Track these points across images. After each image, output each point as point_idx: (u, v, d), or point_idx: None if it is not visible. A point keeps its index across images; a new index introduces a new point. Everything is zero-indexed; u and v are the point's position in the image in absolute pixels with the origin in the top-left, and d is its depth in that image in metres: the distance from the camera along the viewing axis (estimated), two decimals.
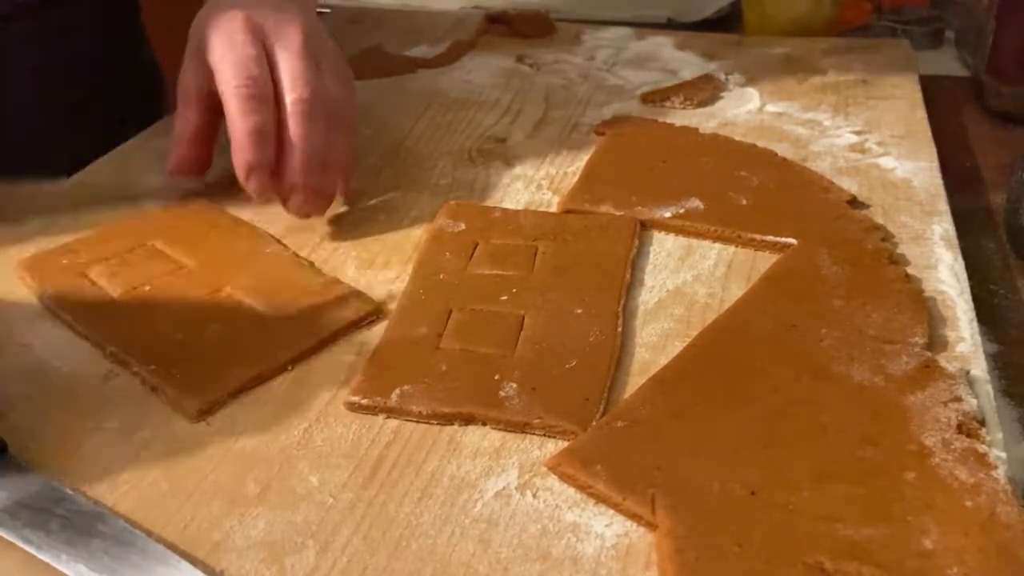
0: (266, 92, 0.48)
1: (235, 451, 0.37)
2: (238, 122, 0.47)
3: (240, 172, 0.47)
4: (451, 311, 0.43)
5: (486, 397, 0.38)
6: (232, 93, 0.47)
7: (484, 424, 0.37)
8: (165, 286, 0.45)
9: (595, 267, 0.46)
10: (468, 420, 0.38)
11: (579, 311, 0.43)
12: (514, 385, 0.39)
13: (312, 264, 0.48)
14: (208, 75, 0.50)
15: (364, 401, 0.38)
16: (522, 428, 0.37)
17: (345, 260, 0.49)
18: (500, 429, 0.37)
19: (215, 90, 0.49)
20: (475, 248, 0.48)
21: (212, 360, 0.40)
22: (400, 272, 0.47)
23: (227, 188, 0.53)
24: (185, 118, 0.52)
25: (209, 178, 0.54)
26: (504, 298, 0.44)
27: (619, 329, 0.42)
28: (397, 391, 0.39)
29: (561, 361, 0.40)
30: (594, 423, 0.37)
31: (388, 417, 0.38)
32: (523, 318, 0.43)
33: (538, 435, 0.37)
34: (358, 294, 0.45)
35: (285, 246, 0.49)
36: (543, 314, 0.43)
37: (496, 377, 0.39)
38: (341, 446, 0.37)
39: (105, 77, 0.71)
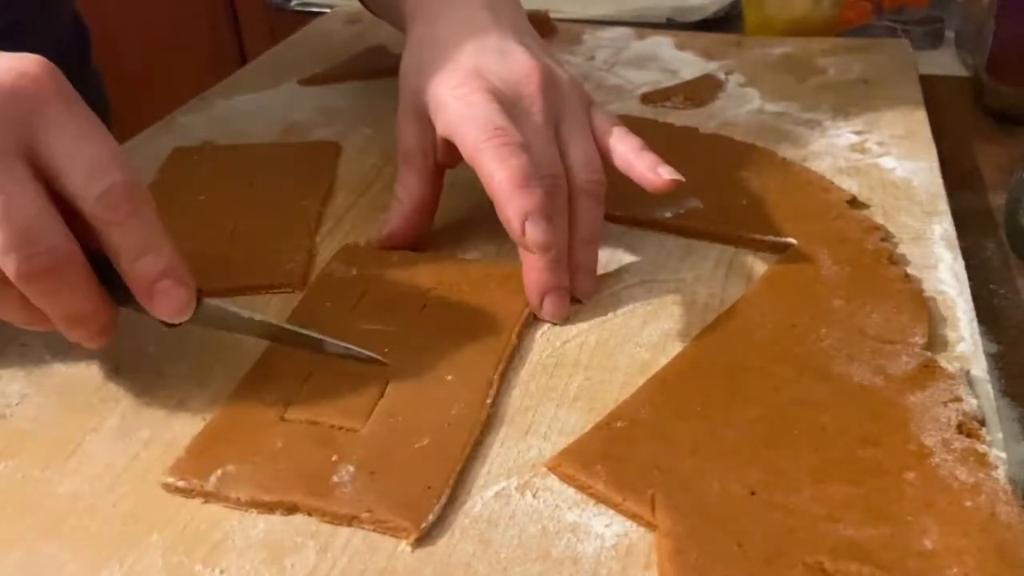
0: (518, 139, 0.42)
1: None
2: (497, 173, 0.41)
3: (515, 224, 0.40)
4: (311, 373, 0.39)
5: (315, 484, 0.34)
6: (484, 147, 0.42)
7: (309, 515, 0.33)
8: None
9: (483, 325, 0.42)
10: (291, 510, 0.33)
11: (450, 377, 0.39)
12: (351, 468, 0.34)
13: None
14: (434, 138, 0.46)
15: (180, 483, 0.34)
16: (349, 522, 0.33)
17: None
18: (326, 521, 0.33)
19: (441, 156, 0.47)
20: (361, 297, 0.44)
21: None
22: None
23: None
24: (410, 187, 0.48)
25: None
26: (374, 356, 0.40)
27: (489, 400, 0.38)
28: (218, 472, 0.34)
29: (412, 439, 0.36)
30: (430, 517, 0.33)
31: (206, 502, 0.34)
32: (386, 384, 0.38)
33: (367, 530, 0.33)
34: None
35: None
36: (410, 380, 0.39)
37: (334, 458, 0.35)
38: None
39: None
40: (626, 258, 0.48)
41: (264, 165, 0.58)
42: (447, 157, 0.47)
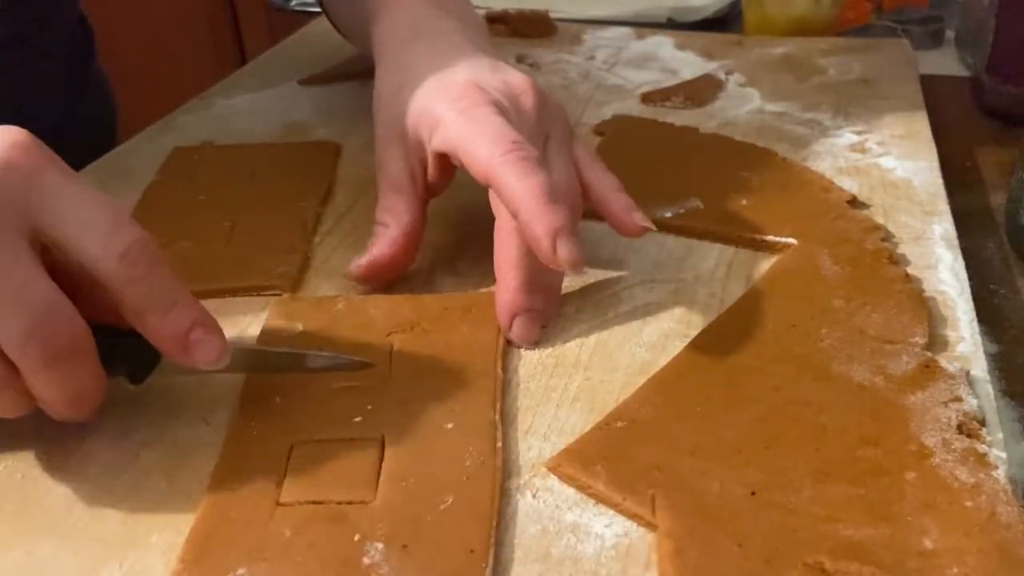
0: (535, 153, 0.40)
1: None
2: (519, 188, 0.39)
3: (545, 243, 0.38)
4: (292, 447, 0.35)
5: (347, 570, 0.30)
6: (501, 162, 0.39)
7: None
8: None
9: (462, 364, 0.39)
10: None
11: (449, 425, 0.36)
12: (380, 546, 0.31)
13: None
14: (424, 159, 0.44)
15: None
16: None
17: (345, 260, 0.49)
18: None
19: (431, 178, 0.44)
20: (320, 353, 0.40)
21: None
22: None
23: None
24: (396, 212, 0.45)
25: None
26: (358, 419, 0.36)
27: (499, 444, 0.35)
28: None
29: (434, 501, 0.33)
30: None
31: None
32: (383, 444, 0.35)
33: None
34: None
35: None
36: (407, 436, 0.36)
37: (356, 538, 0.31)
38: None
39: (56, 118, 0.67)
40: (626, 258, 0.48)
41: (264, 165, 0.58)
42: (439, 179, 0.45)
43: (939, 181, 0.54)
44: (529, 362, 0.41)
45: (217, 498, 0.33)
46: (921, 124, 0.61)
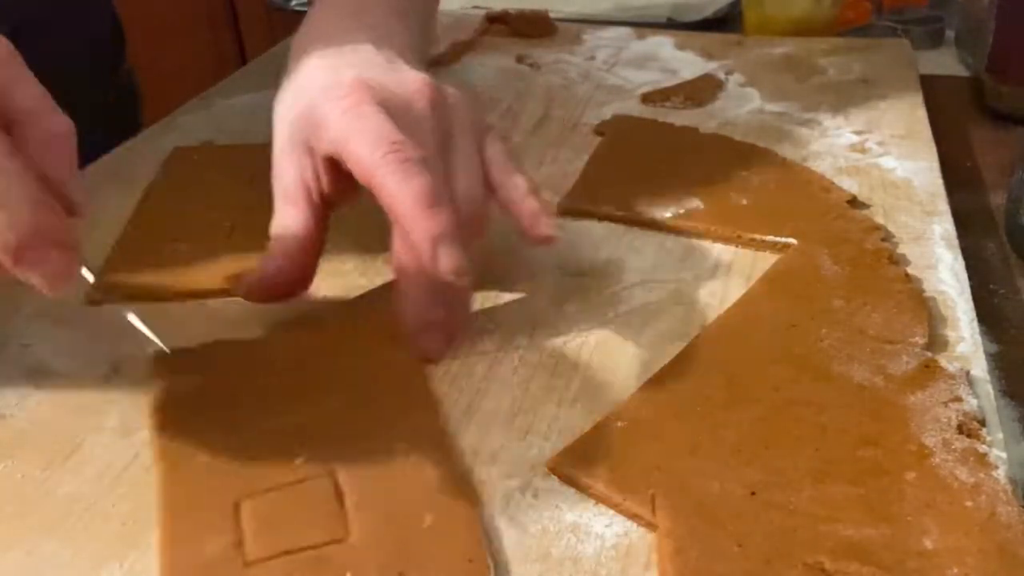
0: (418, 154, 0.38)
1: None
2: (399, 192, 0.37)
3: (424, 249, 0.37)
4: (237, 504, 0.33)
5: None
6: (381, 164, 0.37)
7: None
8: None
9: (388, 384, 0.38)
10: None
11: (399, 445, 0.35)
12: None
13: None
14: (316, 166, 0.41)
15: None
16: None
17: (345, 260, 0.49)
18: None
19: (327, 187, 0.42)
20: (233, 399, 0.38)
21: None
22: None
23: None
24: (288, 223, 0.42)
25: None
26: (299, 460, 0.34)
27: (455, 451, 0.35)
28: None
29: (414, 522, 0.32)
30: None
31: None
32: (335, 479, 0.34)
33: None
34: None
35: None
36: (358, 465, 0.34)
37: None
38: None
39: (88, 102, 0.69)
40: (626, 258, 0.48)
41: (264, 165, 0.57)
42: (336, 187, 0.42)
43: (939, 181, 0.54)
44: (529, 362, 0.41)
45: (177, 565, 0.31)
46: (921, 124, 0.61)
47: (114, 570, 0.32)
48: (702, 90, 0.67)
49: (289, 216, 0.42)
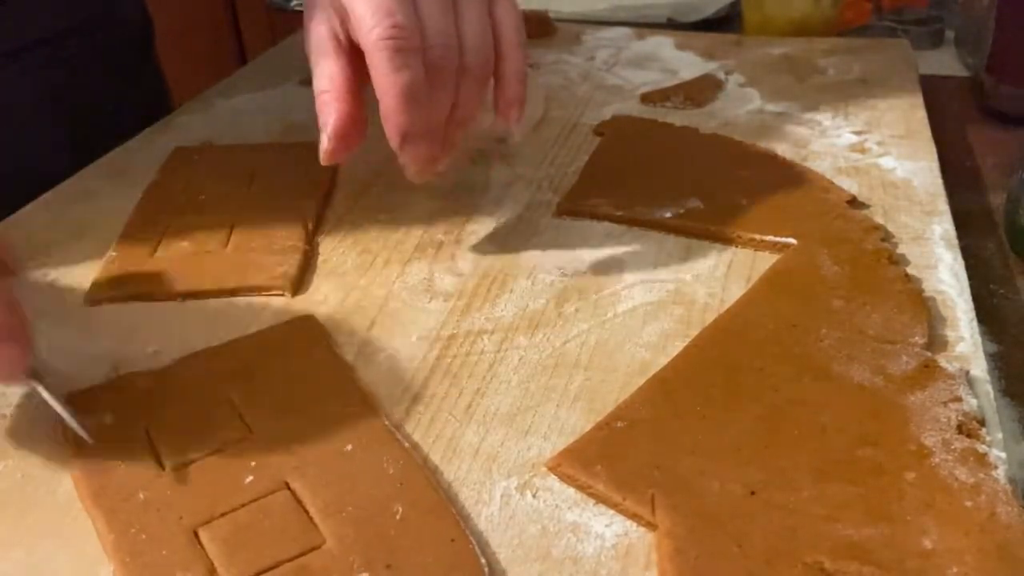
0: (415, 43, 0.41)
1: None
2: (385, 82, 0.40)
3: (394, 142, 0.42)
4: (196, 531, 0.32)
5: None
6: (377, 47, 0.40)
7: None
8: None
9: (309, 381, 0.38)
10: None
11: (348, 447, 0.35)
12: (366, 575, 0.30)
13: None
14: (342, 17, 0.43)
15: None
16: None
17: (345, 260, 0.49)
18: None
19: (353, 36, 0.43)
20: (147, 436, 0.36)
21: None
22: (400, 271, 0.47)
23: None
24: (330, 72, 0.43)
25: None
26: (249, 479, 0.34)
27: (407, 444, 0.35)
28: None
29: (386, 516, 0.32)
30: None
31: None
32: (292, 490, 0.33)
33: None
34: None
35: None
36: (313, 473, 0.34)
37: None
38: None
39: (116, 105, 0.69)
40: (626, 258, 0.48)
41: (264, 165, 0.58)
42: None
43: (939, 181, 0.54)
44: (529, 362, 0.41)
45: None
46: (921, 124, 0.61)
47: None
48: (702, 90, 0.67)
49: (327, 67, 0.44)
